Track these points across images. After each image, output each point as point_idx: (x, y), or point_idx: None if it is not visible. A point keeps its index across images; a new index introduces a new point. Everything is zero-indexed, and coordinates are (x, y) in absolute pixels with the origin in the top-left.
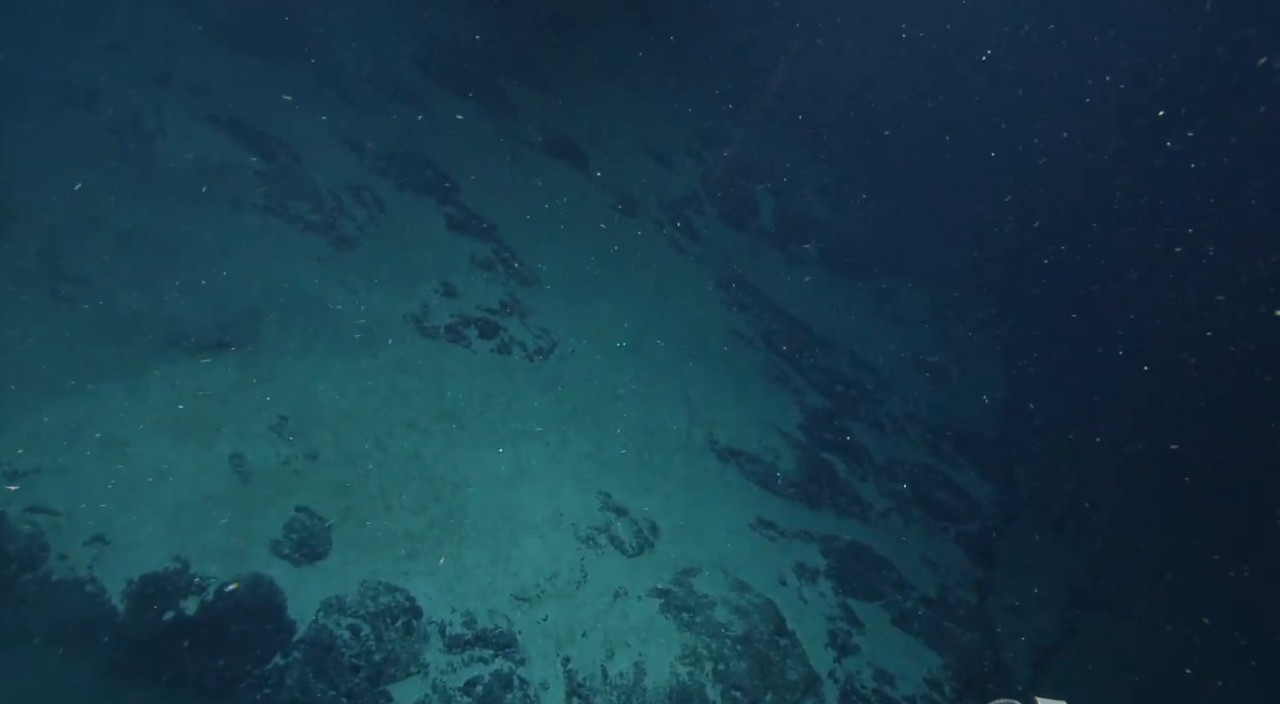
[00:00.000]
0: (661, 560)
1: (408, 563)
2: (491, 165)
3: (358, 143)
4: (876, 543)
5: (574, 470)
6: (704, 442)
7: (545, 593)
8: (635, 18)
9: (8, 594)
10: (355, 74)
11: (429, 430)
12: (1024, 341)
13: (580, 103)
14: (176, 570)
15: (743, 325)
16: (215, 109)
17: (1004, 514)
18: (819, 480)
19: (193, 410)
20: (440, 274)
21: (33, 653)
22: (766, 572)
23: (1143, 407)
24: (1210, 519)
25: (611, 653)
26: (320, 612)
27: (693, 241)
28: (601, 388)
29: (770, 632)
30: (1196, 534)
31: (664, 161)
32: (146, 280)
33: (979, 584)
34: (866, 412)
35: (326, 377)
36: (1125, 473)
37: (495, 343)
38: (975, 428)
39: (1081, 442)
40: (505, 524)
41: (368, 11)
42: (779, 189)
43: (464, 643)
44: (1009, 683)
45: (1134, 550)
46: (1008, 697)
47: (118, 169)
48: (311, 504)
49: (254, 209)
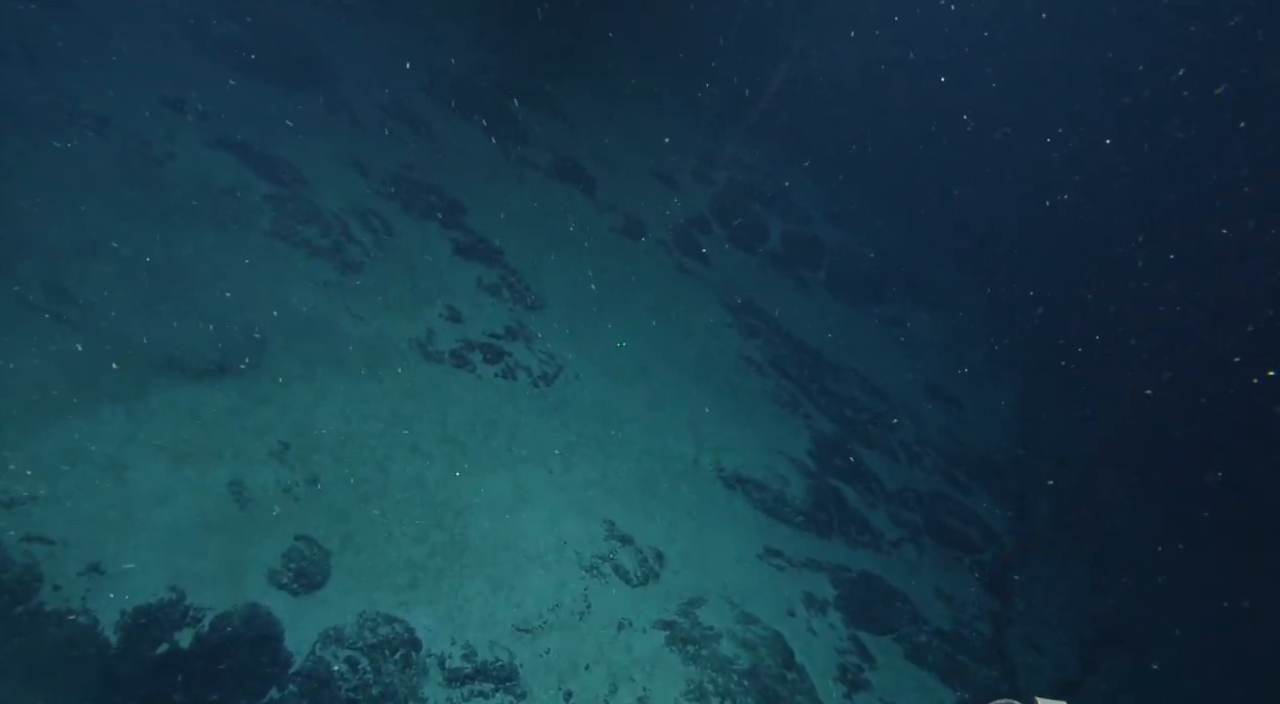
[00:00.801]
0: (667, 590)
1: (408, 593)
2: (498, 189)
3: (365, 167)
4: (888, 573)
5: (578, 497)
6: (711, 468)
7: (548, 624)
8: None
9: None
10: (365, 99)
11: (432, 456)
12: (1038, 367)
13: (587, 126)
14: (171, 601)
15: (751, 350)
16: (225, 134)
17: (1020, 543)
18: (828, 508)
19: (192, 435)
20: (446, 298)
21: (23, 689)
22: (774, 603)
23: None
24: (1234, 551)
25: (615, 687)
26: (318, 643)
27: (700, 264)
28: (607, 413)
29: (778, 665)
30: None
31: (671, 184)
32: (150, 304)
33: (995, 616)
34: (878, 438)
35: (329, 401)
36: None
37: (500, 368)
38: (989, 454)
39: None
40: (508, 553)
41: (378, 38)
42: (788, 212)
43: (464, 676)
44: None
45: (1155, 584)
46: (1008, 697)
47: (125, 194)
48: (311, 532)
49: (260, 233)
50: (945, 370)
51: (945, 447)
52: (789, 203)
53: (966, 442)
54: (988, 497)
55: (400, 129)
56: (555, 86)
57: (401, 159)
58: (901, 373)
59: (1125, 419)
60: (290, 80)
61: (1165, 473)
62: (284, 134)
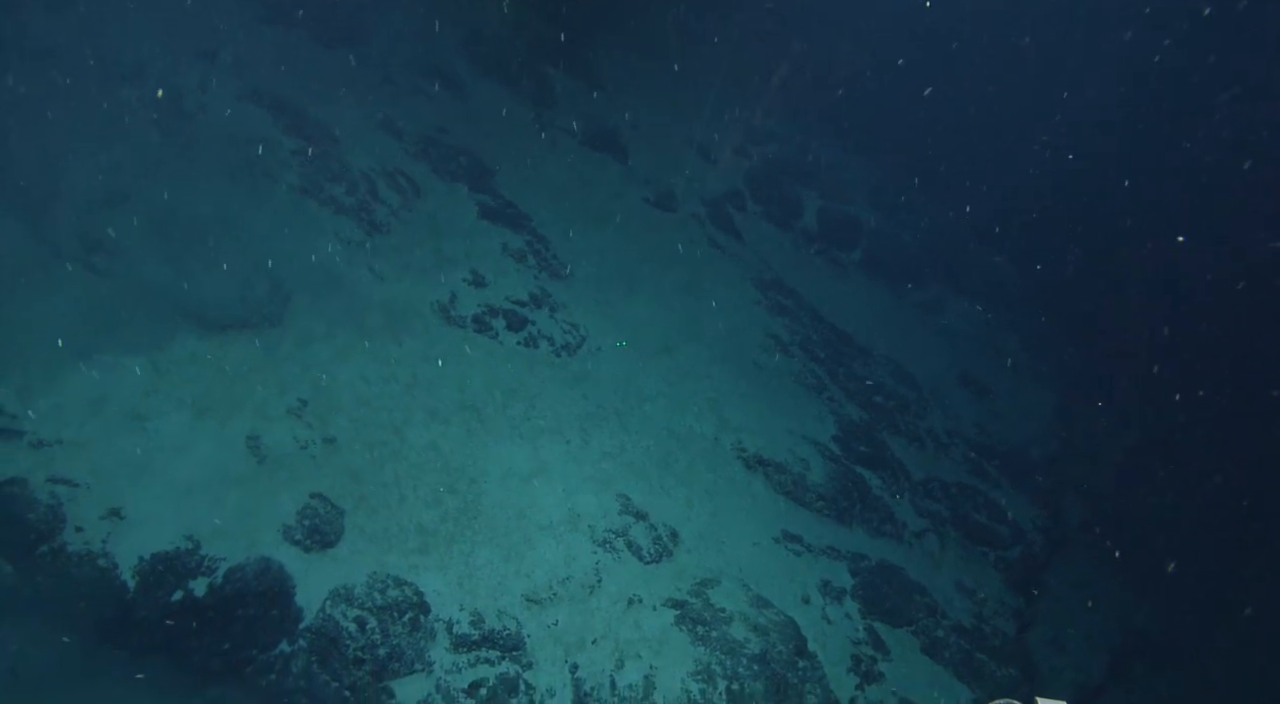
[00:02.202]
0: (679, 569)
1: (418, 557)
2: (530, 155)
3: (396, 126)
4: (909, 565)
5: (594, 471)
6: (731, 448)
7: (557, 596)
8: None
9: (24, 563)
10: (399, 58)
11: (449, 421)
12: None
13: (625, 94)
14: (187, 550)
15: (780, 329)
16: (257, 87)
17: (1050, 542)
18: (851, 495)
19: (213, 388)
20: (470, 263)
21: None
22: (789, 588)
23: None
24: None
25: (621, 663)
26: (328, 601)
27: (732, 239)
28: (628, 387)
29: (789, 652)
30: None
31: (708, 156)
32: (177, 256)
33: (1019, 615)
34: (906, 426)
35: (349, 361)
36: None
37: (522, 336)
38: (1023, 449)
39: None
40: (520, 522)
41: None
42: (827, 189)
43: (471, 643)
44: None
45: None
46: (1007, 697)
47: (156, 145)
48: (326, 490)
49: (288, 189)
50: (981, 360)
51: (976, 438)
52: (829, 180)
53: (999, 434)
54: (1018, 492)
55: (433, 89)
56: (595, 52)
57: (432, 120)
58: (935, 360)
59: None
60: (325, 36)
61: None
62: (315, 90)
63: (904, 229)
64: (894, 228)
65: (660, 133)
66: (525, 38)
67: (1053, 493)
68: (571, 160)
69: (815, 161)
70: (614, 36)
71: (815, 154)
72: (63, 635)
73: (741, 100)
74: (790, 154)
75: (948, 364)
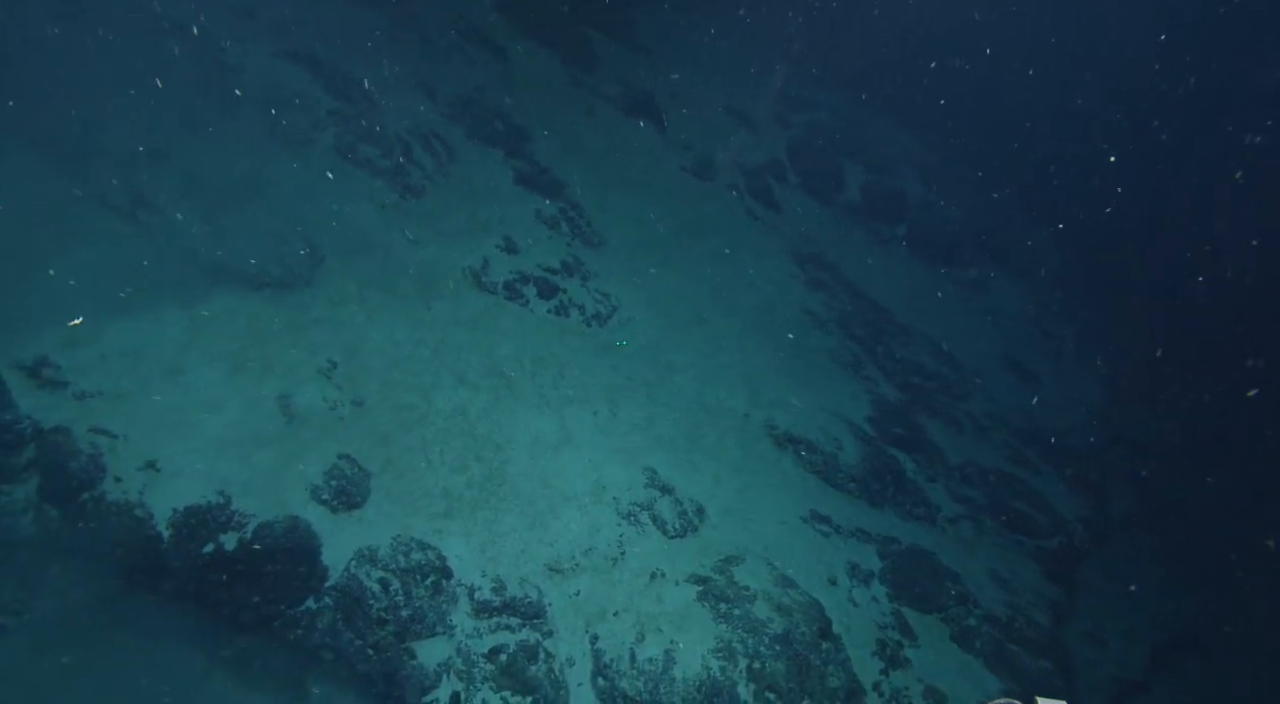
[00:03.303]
0: (704, 545)
1: (443, 521)
2: (566, 119)
3: (432, 88)
4: (941, 550)
5: (621, 443)
6: (762, 425)
7: (580, 566)
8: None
9: (67, 509)
10: (436, 17)
11: (477, 387)
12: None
13: (666, 59)
14: (219, 504)
15: (816, 305)
16: (295, 46)
17: (1093, 534)
18: (883, 477)
19: (247, 346)
20: (504, 229)
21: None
22: (816, 569)
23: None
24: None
25: (642, 636)
26: (353, 562)
27: (771, 211)
28: (658, 359)
29: (813, 633)
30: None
31: (748, 124)
32: (215, 214)
33: (1055, 606)
34: (944, 408)
35: (380, 324)
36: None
37: (553, 304)
38: (1067, 438)
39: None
40: (545, 491)
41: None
42: (872, 162)
43: (492, 609)
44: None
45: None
46: (1008, 697)
47: (196, 102)
48: (353, 452)
49: (324, 150)
50: (1028, 343)
51: (1018, 424)
52: (874, 153)
53: (1042, 420)
54: (1060, 481)
55: (471, 51)
56: (637, 13)
57: (470, 82)
58: (978, 342)
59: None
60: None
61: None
62: (353, 49)
63: (953, 205)
64: (942, 203)
65: (700, 99)
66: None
67: (1098, 483)
68: (609, 126)
69: (861, 133)
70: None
71: (862, 125)
72: (104, 580)
73: (785, 67)
74: (835, 123)
75: (992, 346)
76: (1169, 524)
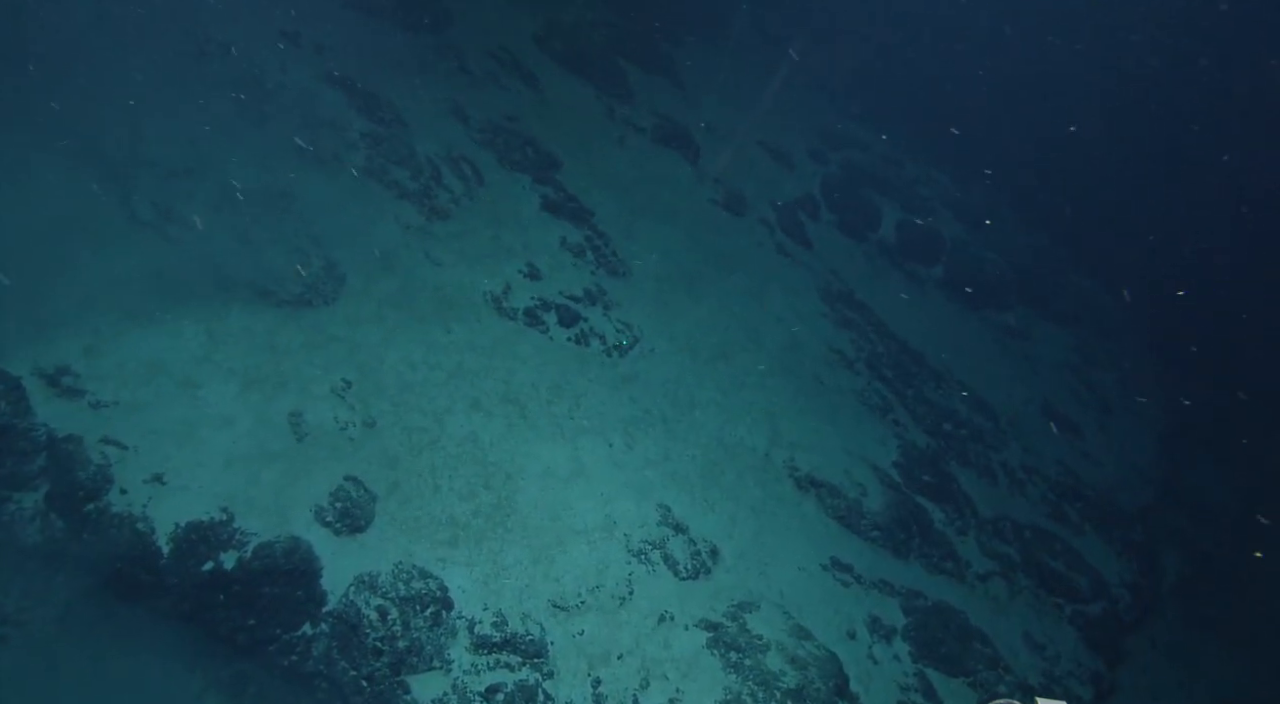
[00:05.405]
0: (717, 589)
1: (447, 550)
2: (598, 148)
3: (465, 113)
4: (970, 608)
5: (635, 478)
6: (783, 466)
7: (585, 604)
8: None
9: (72, 520)
10: (475, 46)
11: (491, 413)
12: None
13: (698, 90)
14: (221, 522)
15: (845, 344)
16: (334, 70)
17: (1140, 602)
18: (909, 527)
19: (262, 362)
20: (528, 255)
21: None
22: (834, 620)
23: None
24: None
25: (646, 683)
26: (352, 587)
27: (802, 248)
28: (678, 393)
29: (829, 691)
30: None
31: (782, 160)
32: (243, 230)
33: (1097, 679)
34: (977, 457)
35: (397, 345)
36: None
37: (574, 332)
38: (1111, 495)
39: (1256, 528)
40: (554, 524)
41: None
42: (908, 200)
43: (492, 644)
44: None
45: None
46: (1007, 697)
47: (235, 121)
48: (361, 474)
49: (354, 170)
50: (1069, 392)
51: (1057, 478)
52: (911, 192)
53: (1084, 476)
54: (1103, 541)
55: (506, 79)
56: (673, 47)
57: (503, 109)
58: (1016, 389)
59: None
60: (404, 21)
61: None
62: (391, 74)
63: (990, 247)
64: (979, 245)
65: (735, 133)
66: (604, 32)
67: (1146, 546)
68: (640, 156)
69: (899, 172)
70: (691, 33)
71: (899, 164)
72: (106, 594)
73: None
74: (872, 161)
75: (1030, 394)
76: (1223, 591)
